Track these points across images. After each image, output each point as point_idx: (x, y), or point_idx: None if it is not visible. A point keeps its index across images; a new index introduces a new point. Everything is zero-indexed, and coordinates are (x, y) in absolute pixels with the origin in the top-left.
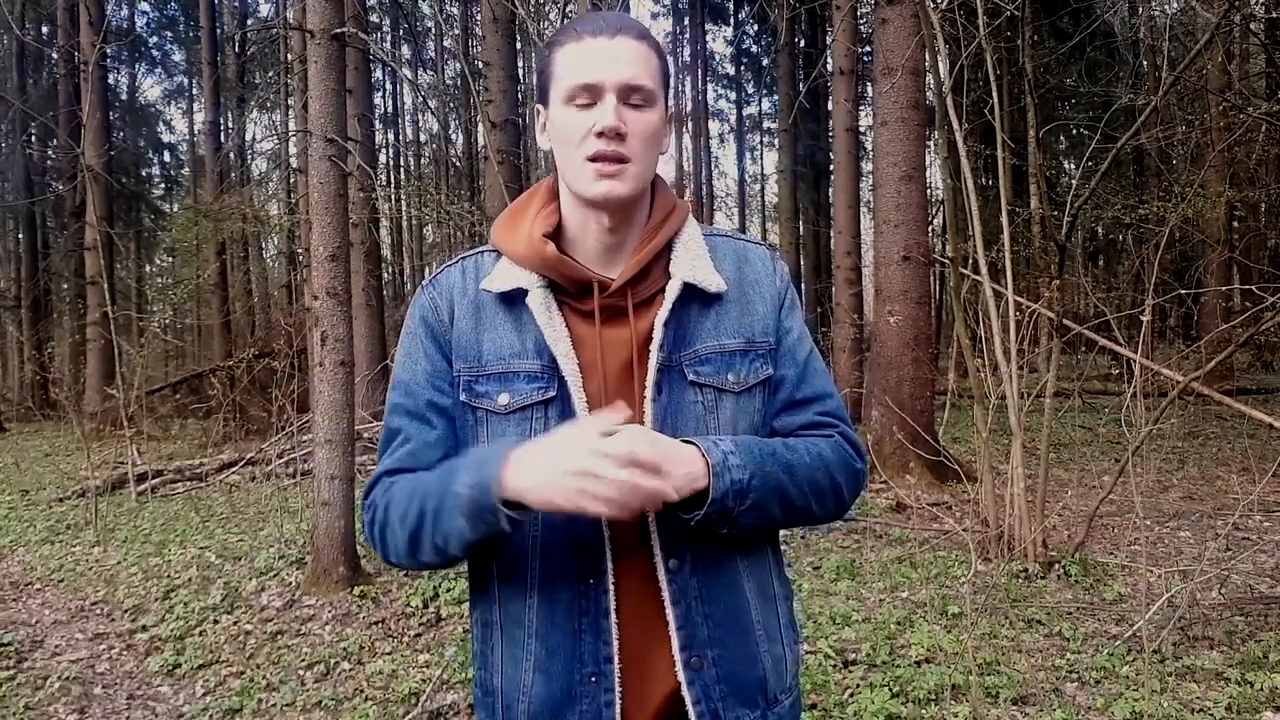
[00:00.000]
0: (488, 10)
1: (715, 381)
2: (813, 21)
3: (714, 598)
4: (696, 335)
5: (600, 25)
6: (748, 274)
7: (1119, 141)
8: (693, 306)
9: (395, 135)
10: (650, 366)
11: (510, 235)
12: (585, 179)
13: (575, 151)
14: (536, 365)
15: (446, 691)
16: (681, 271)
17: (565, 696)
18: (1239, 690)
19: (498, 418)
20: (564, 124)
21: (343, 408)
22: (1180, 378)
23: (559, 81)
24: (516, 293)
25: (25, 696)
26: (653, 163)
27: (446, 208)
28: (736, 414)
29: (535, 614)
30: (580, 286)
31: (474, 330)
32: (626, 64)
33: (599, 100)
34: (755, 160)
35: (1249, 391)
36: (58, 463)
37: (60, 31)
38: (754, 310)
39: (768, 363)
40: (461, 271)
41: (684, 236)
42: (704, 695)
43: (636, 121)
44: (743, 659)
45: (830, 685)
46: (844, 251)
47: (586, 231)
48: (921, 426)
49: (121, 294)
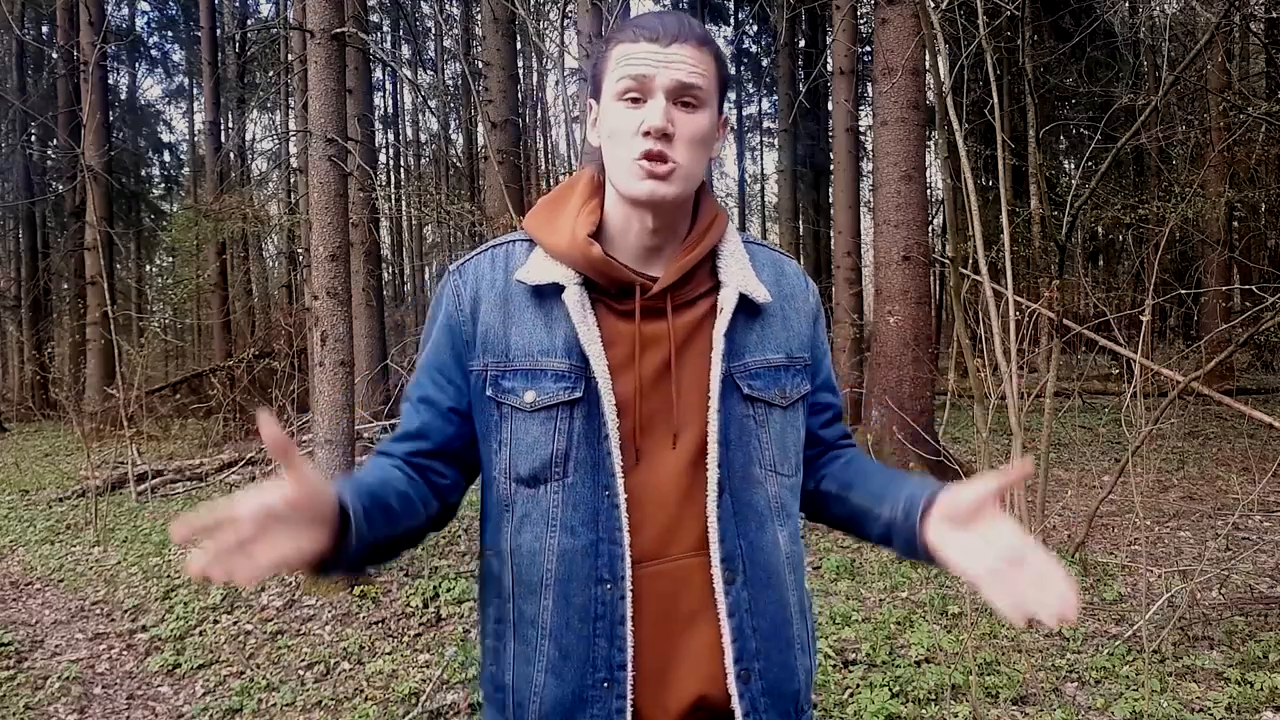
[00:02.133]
0: (488, 10)
1: (766, 396)
2: (813, 21)
3: (762, 611)
4: (745, 347)
5: (661, 29)
6: (785, 287)
7: (1119, 141)
8: (740, 317)
9: (395, 135)
10: (714, 377)
11: (549, 227)
12: (631, 177)
13: (622, 149)
14: (565, 364)
15: (446, 691)
16: (734, 281)
17: (576, 699)
18: (1239, 690)
19: (522, 415)
20: (613, 120)
21: (343, 408)
22: (1180, 378)
23: (611, 77)
24: (551, 288)
25: (25, 696)
26: (700, 166)
27: (446, 208)
28: (784, 428)
29: (550, 615)
30: (620, 287)
31: (502, 323)
32: (680, 65)
33: (649, 98)
34: (755, 160)
35: (1249, 391)
36: (58, 462)
37: (60, 31)
38: (792, 325)
39: (805, 379)
40: (491, 260)
41: (728, 245)
42: (753, 708)
43: (685, 123)
44: (784, 672)
45: (830, 685)
46: (844, 251)
47: (629, 230)
48: (921, 426)
49: (121, 294)
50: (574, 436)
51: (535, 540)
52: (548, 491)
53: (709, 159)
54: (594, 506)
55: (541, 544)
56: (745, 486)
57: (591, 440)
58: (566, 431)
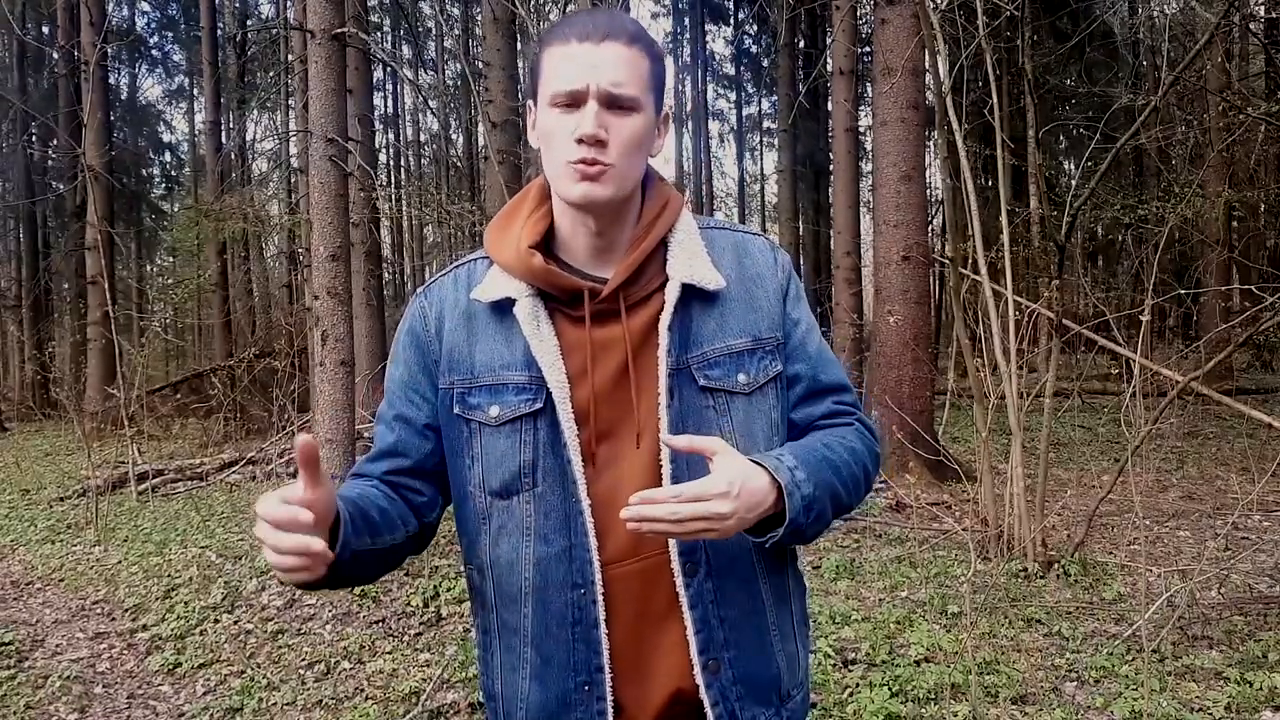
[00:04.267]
0: (488, 10)
1: (725, 385)
2: (813, 22)
3: (729, 600)
4: (702, 337)
5: (589, 29)
6: (749, 268)
7: (1119, 141)
8: (694, 306)
9: (396, 135)
10: (661, 373)
11: (500, 243)
12: (566, 181)
13: (557, 153)
14: (525, 377)
15: (447, 690)
16: (679, 272)
17: (560, 704)
18: (1238, 689)
19: (489, 430)
20: (548, 126)
21: (344, 407)
22: (1179, 378)
23: (545, 83)
24: (505, 302)
25: (26, 696)
26: (636, 168)
27: (447, 208)
28: (750, 415)
29: (530, 622)
30: (571, 294)
31: (466, 342)
32: (611, 70)
33: (582, 104)
34: (755, 160)
35: (1248, 391)
36: (58, 462)
37: (61, 31)
38: (758, 306)
39: (776, 359)
40: (454, 280)
41: (679, 234)
42: (721, 697)
43: (619, 128)
44: (758, 659)
45: (830, 684)
46: (844, 251)
47: (576, 234)
48: (921, 426)
49: (122, 294)
50: (539, 447)
51: (512, 550)
52: (520, 502)
53: (647, 158)
54: (564, 513)
55: (518, 554)
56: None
57: (556, 449)
58: (532, 443)
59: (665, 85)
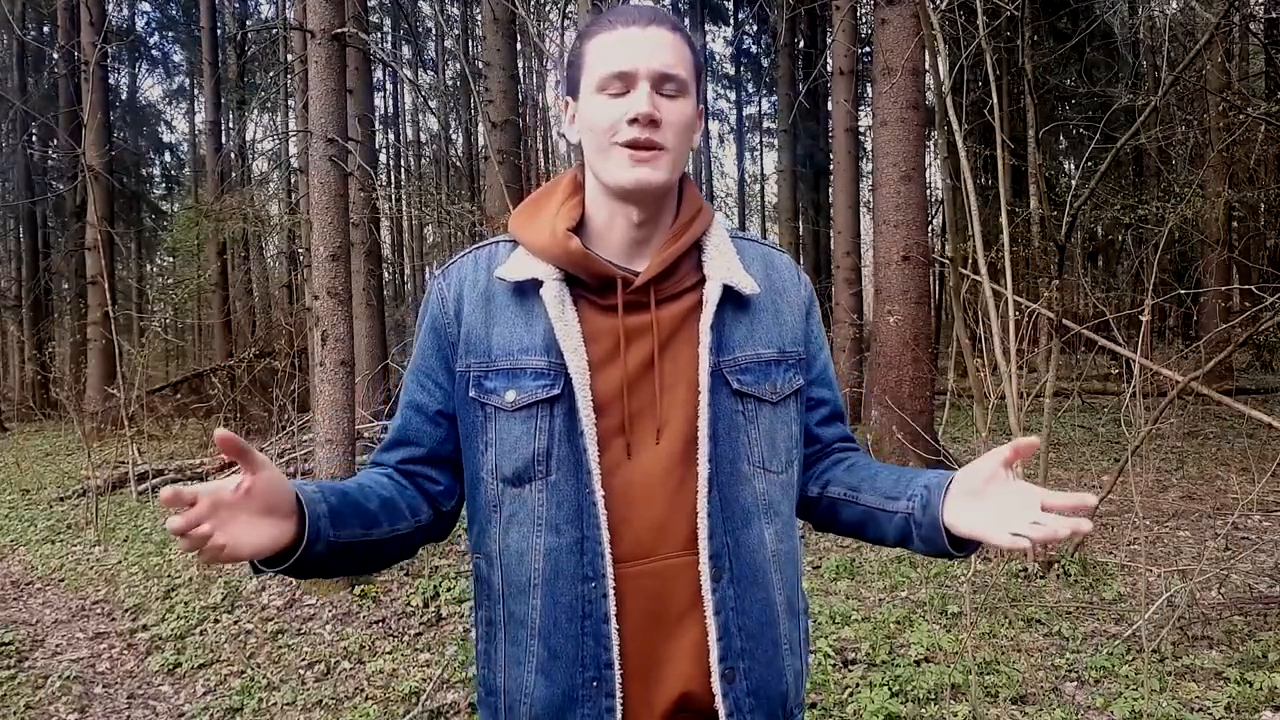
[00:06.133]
0: (488, 10)
1: (756, 391)
2: (812, 22)
3: (748, 610)
4: (734, 342)
5: (634, 16)
6: (775, 280)
7: (1119, 141)
8: (727, 310)
9: (396, 135)
10: (703, 371)
11: (530, 226)
12: (618, 167)
13: (607, 140)
14: (544, 362)
15: (447, 690)
16: (718, 273)
17: (567, 699)
18: (1238, 690)
19: (505, 414)
20: (596, 113)
21: (344, 407)
22: (1179, 378)
23: (591, 70)
24: (530, 284)
25: (26, 696)
26: (685, 154)
27: (447, 208)
28: (774, 424)
29: (539, 615)
30: (602, 282)
31: (484, 323)
32: (661, 52)
33: (632, 88)
34: (755, 160)
35: (1249, 391)
36: (58, 462)
37: (61, 31)
38: (783, 320)
39: (799, 373)
40: (474, 261)
41: (713, 237)
42: (736, 708)
43: (670, 110)
44: (770, 671)
45: (830, 684)
46: (844, 251)
47: (613, 225)
48: (921, 426)
49: (122, 294)
50: (555, 434)
51: (522, 540)
52: (532, 490)
53: (690, 148)
54: (577, 504)
55: (529, 543)
56: (733, 483)
57: (572, 437)
58: (547, 430)
59: (702, 79)
